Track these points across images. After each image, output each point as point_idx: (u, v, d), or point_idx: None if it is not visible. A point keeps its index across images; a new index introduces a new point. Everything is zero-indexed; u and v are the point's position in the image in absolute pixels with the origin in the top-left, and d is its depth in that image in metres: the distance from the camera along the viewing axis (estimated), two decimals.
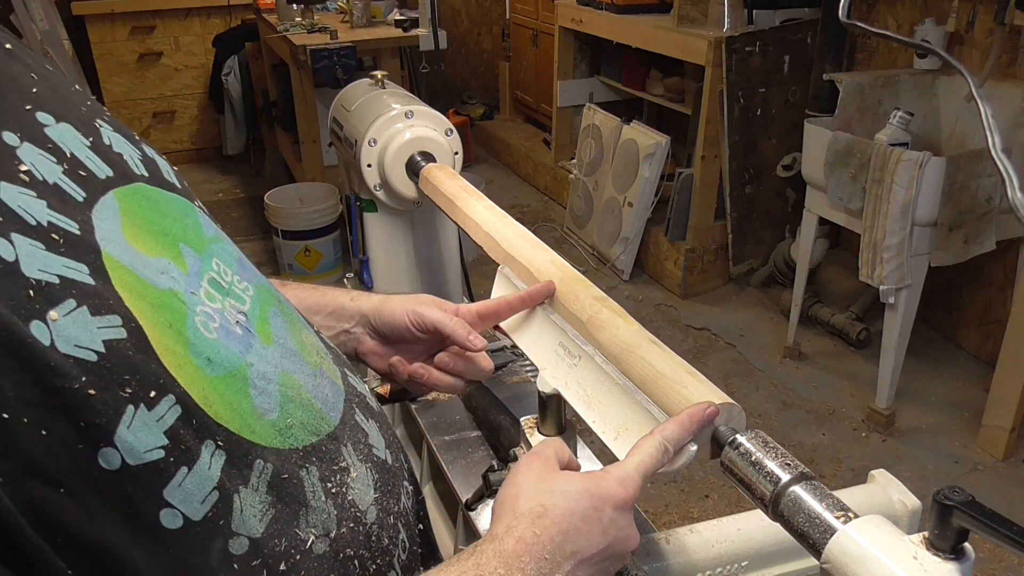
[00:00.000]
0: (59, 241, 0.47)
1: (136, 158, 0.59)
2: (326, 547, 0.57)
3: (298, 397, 0.59)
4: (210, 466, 0.49)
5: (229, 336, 0.54)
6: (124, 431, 0.45)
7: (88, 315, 0.45)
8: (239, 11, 4.66)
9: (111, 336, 0.46)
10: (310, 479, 0.57)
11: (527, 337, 0.82)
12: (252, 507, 0.52)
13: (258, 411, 0.54)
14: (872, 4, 2.89)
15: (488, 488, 0.85)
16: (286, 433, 0.57)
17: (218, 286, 0.57)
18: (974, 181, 2.12)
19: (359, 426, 0.66)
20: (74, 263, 0.47)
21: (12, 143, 0.48)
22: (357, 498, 0.61)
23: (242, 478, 0.52)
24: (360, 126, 1.28)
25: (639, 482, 0.58)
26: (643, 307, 3.18)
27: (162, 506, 0.46)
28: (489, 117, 5.24)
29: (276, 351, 0.59)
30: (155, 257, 0.52)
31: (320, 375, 0.64)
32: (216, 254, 0.59)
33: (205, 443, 0.49)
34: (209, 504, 0.49)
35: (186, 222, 0.58)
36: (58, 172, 0.50)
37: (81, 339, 0.44)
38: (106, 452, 0.44)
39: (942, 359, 2.75)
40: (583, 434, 0.97)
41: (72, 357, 0.44)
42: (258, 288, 0.62)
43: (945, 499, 0.45)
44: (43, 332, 0.43)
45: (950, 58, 0.67)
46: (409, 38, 3.25)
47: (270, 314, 0.62)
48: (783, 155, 3.00)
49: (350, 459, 0.62)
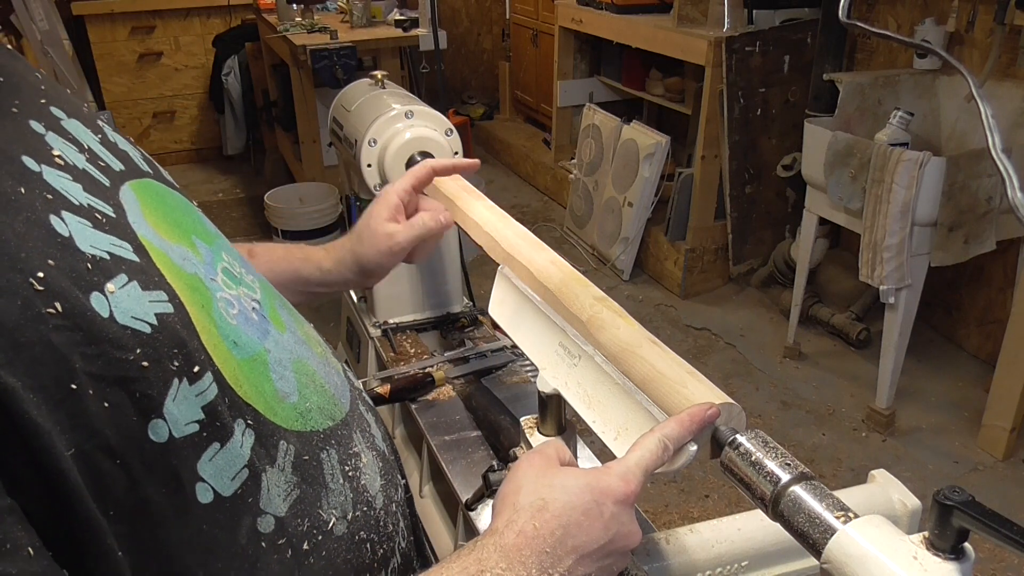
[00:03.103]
0: (102, 220, 0.48)
1: (139, 157, 0.60)
2: (344, 528, 0.58)
3: (312, 383, 0.61)
4: (242, 444, 0.50)
5: (247, 322, 0.56)
6: (171, 404, 0.46)
7: (139, 289, 0.47)
8: (239, 11, 4.65)
9: (161, 310, 0.47)
10: (330, 461, 0.59)
11: (527, 337, 0.82)
12: (278, 486, 0.53)
13: (280, 394, 0.56)
14: (872, 4, 2.89)
15: (488, 488, 0.85)
16: (306, 416, 0.58)
17: (231, 275, 0.58)
18: (974, 181, 2.12)
19: (363, 416, 0.68)
20: (119, 240, 0.48)
21: (39, 131, 0.50)
22: (368, 483, 0.63)
23: (269, 458, 0.53)
24: (360, 126, 1.28)
25: (640, 478, 0.58)
26: (643, 307, 3.18)
27: (196, 479, 0.47)
28: (489, 117, 5.24)
29: (289, 338, 0.61)
30: (176, 244, 0.54)
31: (328, 364, 0.66)
32: (223, 247, 0.61)
33: (237, 421, 0.50)
34: (239, 481, 0.50)
35: (193, 216, 0.60)
36: (83, 160, 0.51)
37: (136, 311, 0.46)
38: (156, 424, 0.45)
39: (942, 359, 2.75)
40: (583, 434, 0.97)
41: (129, 328, 0.45)
42: (262, 282, 0.65)
43: (945, 499, 0.45)
44: (102, 304, 0.44)
45: (950, 58, 0.67)
46: (409, 38, 3.25)
47: (277, 305, 0.64)
48: (783, 155, 3.00)
49: (360, 446, 0.64)
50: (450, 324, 1.42)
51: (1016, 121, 2.29)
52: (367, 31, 3.36)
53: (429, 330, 1.43)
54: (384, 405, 1.25)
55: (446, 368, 1.26)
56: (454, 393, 1.21)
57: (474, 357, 1.29)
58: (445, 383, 1.23)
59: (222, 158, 4.96)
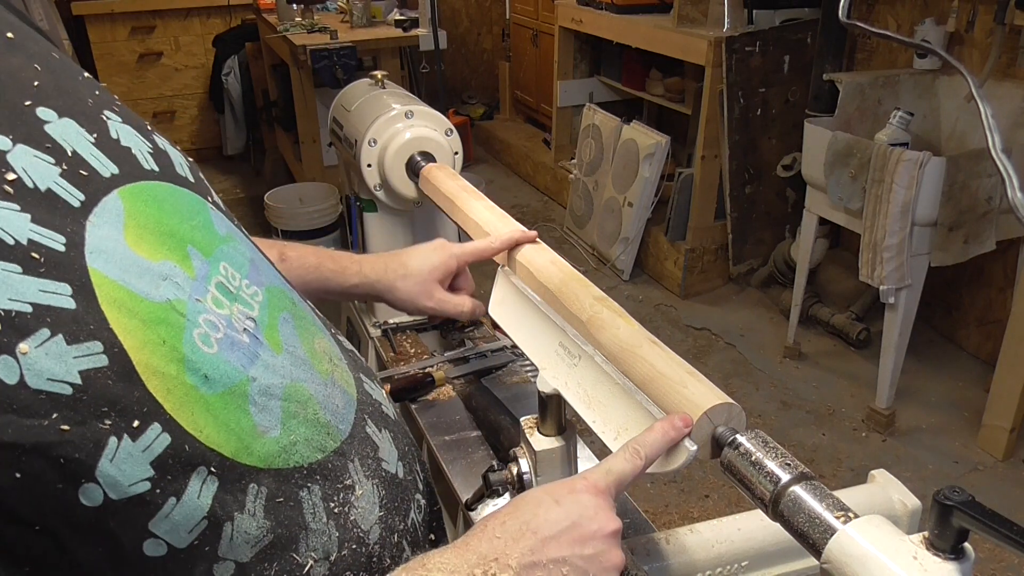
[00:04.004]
0: (39, 260, 0.43)
1: (146, 151, 0.56)
2: (325, 571, 0.55)
3: (303, 412, 0.57)
4: (199, 494, 0.47)
5: (233, 347, 0.52)
6: (107, 465, 0.43)
7: (64, 344, 0.43)
8: (239, 11, 4.65)
9: (89, 365, 0.43)
10: (311, 499, 0.55)
11: (527, 337, 0.82)
12: (247, 532, 0.50)
13: (258, 429, 0.52)
14: (872, 4, 2.89)
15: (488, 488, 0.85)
16: (289, 451, 0.54)
17: (226, 291, 0.54)
18: (974, 181, 2.12)
19: (369, 439, 0.64)
20: (53, 284, 0.43)
21: (3, 147, 0.45)
22: (360, 518, 0.59)
23: (237, 503, 0.50)
24: (360, 126, 1.28)
25: (602, 474, 0.59)
26: (643, 307, 3.18)
27: (146, 537, 0.45)
28: (489, 117, 5.24)
29: (286, 359, 0.57)
30: (159, 261, 0.50)
31: (331, 384, 0.62)
32: (226, 256, 0.57)
33: (197, 470, 0.47)
34: (197, 532, 0.47)
35: (195, 221, 0.56)
36: (54, 175, 0.47)
37: (55, 372, 0.42)
38: (87, 488, 0.42)
39: (942, 359, 2.75)
40: (583, 434, 0.97)
41: (45, 392, 0.41)
42: (269, 292, 0.60)
43: (945, 499, 0.45)
44: (11, 368, 0.40)
45: (950, 58, 0.67)
46: (409, 38, 3.25)
47: (280, 320, 0.59)
48: (783, 155, 3.00)
49: (356, 476, 0.60)
50: (450, 324, 1.42)
51: (1016, 121, 2.29)
52: (367, 31, 3.36)
53: (429, 330, 1.43)
54: None
55: (446, 368, 1.26)
56: (454, 393, 1.21)
57: (474, 357, 1.29)
58: (445, 383, 1.23)
59: (222, 158, 4.96)
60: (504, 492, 0.80)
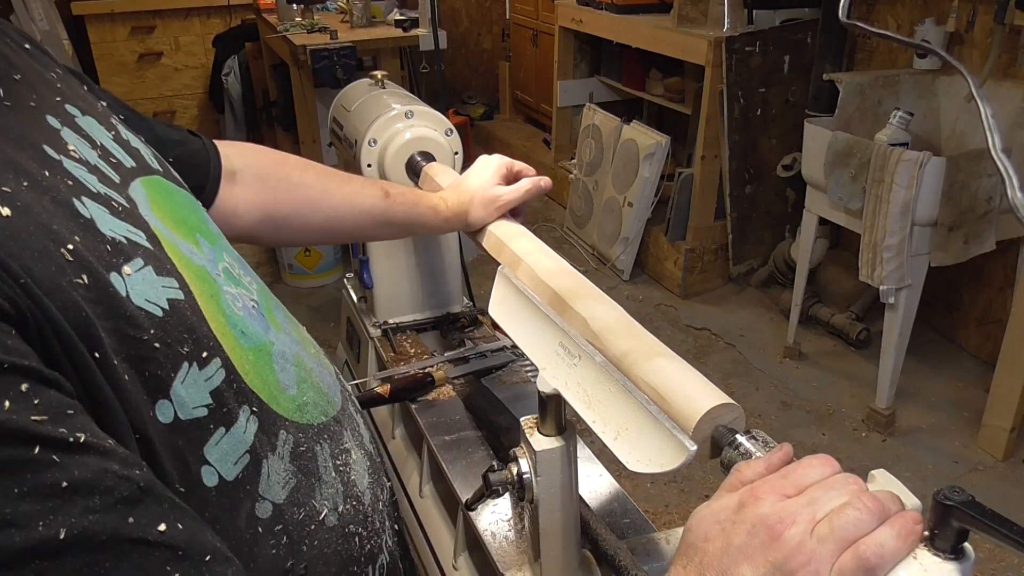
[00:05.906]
0: (118, 209, 0.50)
1: (149, 155, 0.62)
2: (335, 520, 0.60)
3: (309, 379, 0.63)
4: (245, 430, 0.52)
5: (251, 316, 0.58)
6: (179, 386, 0.47)
7: (154, 274, 0.48)
8: (239, 11, 4.65)
9: (173, 296, 0.49)
10: (323, 454, 0.60)
11: (527, 337, 0.82)
12: (278, 474, 0.55)
13: (281, 384, 0.58)
14: (872, 4, 2.89)
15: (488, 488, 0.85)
16: (303, 409, 0.60)
17: (231, 276, 0.60)
18: (974, 181, 2.12)
19: (352, 416, 0.70)
20: (134, 228, 0.50)
21: (55, 126, 0.51)
22: (357, 479, 0.64)
23: (270, 445, 0.54)
24: (360, 126, 1.28)
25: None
26: (643, 307, 3.18)
27: (203, 463, 0.48)
28: (489, 117, 5.24)
29: (286, 338, 0.63)
30: (183, 239, 0.56)
31: (321, 364, 0.68)
32: (225, 248, 0.63)
33: (243, 407, 0.52)
34: (241, 466, 0.51)
35: (198, 215, 0.62)
36: (95, 156, 0.53)
37: (150, 294, 0.47)
38: (162, 405, 0.46)
39: (942, 359, 2.75)
40: (583, 434, 0.97)
41: (144, 310, 0.46)
42: (259, 285, 0.66)
43: (945, 499, 0.45)
44: (120, 284, 0.45)
45: (950, 58, 0.67)
46: (409, 38, 3.25)
47: (272, 307, 0.66)
48: (783, 155, 3.00)
49: (350, 443, 0.65)
50: (450, 324, 1.42)
51: (1016, 121, 2.29)
52: (367, 31, 3.36)
53: (429, 330, 1.43)
54: (384, 405, 1.25)
55: (446, 368, 1.26)
56: (454, 393, 1.21)
57: (474, 357, 1.29)
58: (445, 383, 1.23)
59: None
60: (504, 492, 0.79)
